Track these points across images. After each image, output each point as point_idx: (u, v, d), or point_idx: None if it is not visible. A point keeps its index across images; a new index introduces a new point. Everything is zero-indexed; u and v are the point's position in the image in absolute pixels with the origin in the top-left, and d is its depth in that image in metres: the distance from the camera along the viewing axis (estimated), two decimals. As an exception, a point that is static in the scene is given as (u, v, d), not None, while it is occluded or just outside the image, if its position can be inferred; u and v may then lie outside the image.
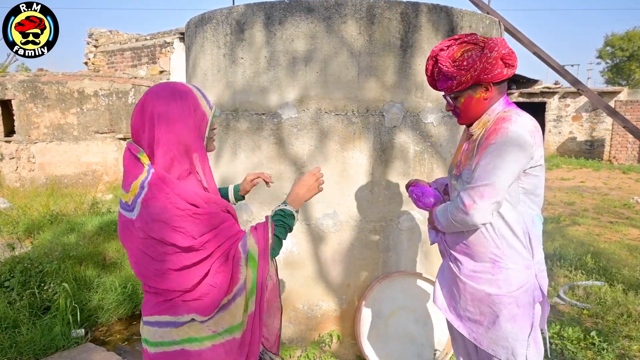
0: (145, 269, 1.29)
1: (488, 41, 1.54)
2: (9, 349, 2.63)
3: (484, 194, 1.45)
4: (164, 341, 1.32)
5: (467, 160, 1.62)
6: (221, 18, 2.84)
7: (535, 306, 1.61)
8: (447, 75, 1.56)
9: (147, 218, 1.23)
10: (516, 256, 1.58)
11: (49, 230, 4.82)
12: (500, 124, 1.50)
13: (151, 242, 1.25)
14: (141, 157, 1.27)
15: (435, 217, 1.69)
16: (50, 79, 7.15)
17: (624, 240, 5.40)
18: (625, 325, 3.16)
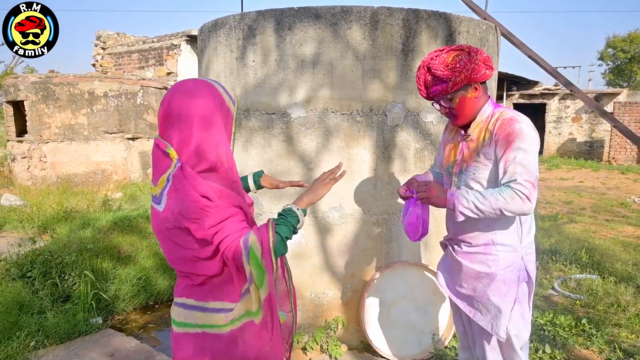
0: (175, 256, 1.37)
1: (471, 47, 1.73)
2: (36, 333, 2.82)
3: (534, 185, 1.64)
4: (188, 323, 1.39)
5: (471, 159, 1.80)
6: (234, 24, 3.03)
7: (521, 285, 1.82)
8: (442, 79, 1.71)
9: (172, 209, 1.30)
10: (507, 240, 1.79)
11: (64, 225, 5.01)
12: (512, 125, 1.66)
13: (178, 231, 1.31)
14: (170, 152, 1.31)
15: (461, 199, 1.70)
16: (61, 80, 7.36)
17: (619, 237, 5.57)
18: (615, 314, 3.33)
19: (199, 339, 1.39)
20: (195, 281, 1.38)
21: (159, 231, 1.37)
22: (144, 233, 4.74)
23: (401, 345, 2.94)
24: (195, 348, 1.39)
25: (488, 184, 1.77)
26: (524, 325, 1.83)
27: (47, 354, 2.74)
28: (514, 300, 1.80)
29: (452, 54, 1.71)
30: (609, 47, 34.55)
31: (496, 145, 1.70)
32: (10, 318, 2.88)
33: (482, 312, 1.86)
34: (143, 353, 2.85)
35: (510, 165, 1.65)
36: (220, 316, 1.37)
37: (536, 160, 1.67)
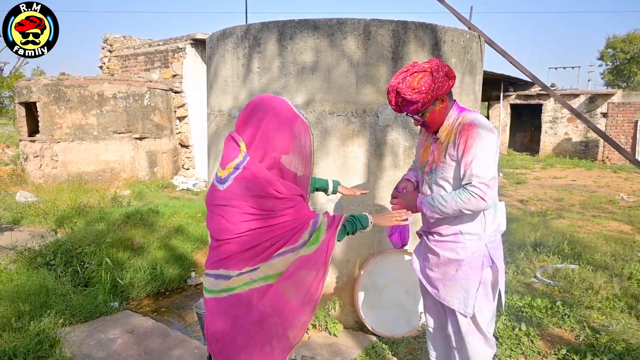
0: (218, 228, 1.60)
1: (432, 65, 1.89)
2: (65, 311, 3.14)
3: (489, 185, 1.84)
4: (215, 289, 1.62)
5: (439, 160, 2.01)
6: (240, 33, 3.35)
7: (485, 269, 2.04)
8: (411, 101, 1.89)
9: (239, 192, 1.56)
10: (472, 230, 2.02)
11: (79, 220, 5.33)
12: (470, 130, 1.87)
13: (228, 208, 1.57)
14: (241, 145, 1.59)
15: (428, 206, 1.98)
16: (72, 82, 7.68)
17: (603, 232, 5.87)
18: (588, 297, 3.64)
19: (223, 302, 1.61)
20: (224, 254, 1.61)
21: (212, 205, 1.64)
22: (155, 226, 5.06)
23: (392, 324, 3.24)
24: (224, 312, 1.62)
25: (454, 181, 1.98)
26: (487, 304, 2.07)
27: (73, 330, 3.06)
28: (479, 282, 2.03)
29: (417, 77, 1.86)
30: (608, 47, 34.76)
31: (457, 147, 1.91)
32: (39, 299, 3.20)
33: (450, 294, 2.07)
34: (159, 330, 3.16)
35: (468, 169, 1.87)
36: (240, 277, 1.59)
37: (493, 161, 1.87)
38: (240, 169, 1.57)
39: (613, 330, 3.12)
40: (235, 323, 1.60)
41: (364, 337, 3.17)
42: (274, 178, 1.58)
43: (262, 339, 1.61)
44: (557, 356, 2.85)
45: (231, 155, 1.61)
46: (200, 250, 4.83)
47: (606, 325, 3.22)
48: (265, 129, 1.59)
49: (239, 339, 1.60)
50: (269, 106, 1.64)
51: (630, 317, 3.38)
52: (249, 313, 1.59)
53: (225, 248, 1.60)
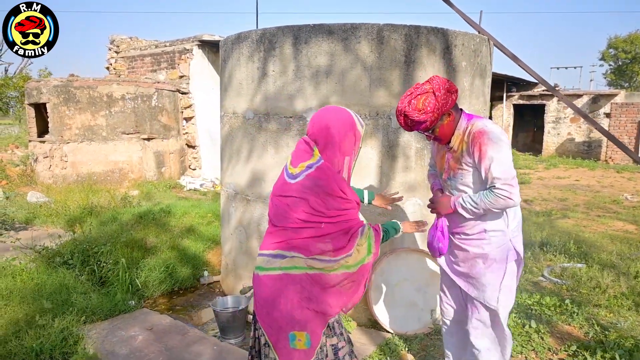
0: (282, 216, 1.82)
1: (433, 85, 2.02)
2: (86, 309, 3.22)
3: (513, 184, 1.98)
4: (271, 267, 1.80)
5: (456, 167, 2.16)
6: (255, 37, 3.42)
7: (510, 263, 2.18)
8: (419, 122, 2.04)
9: (309, 186, 1.77)
10: (496, 227, 2.16)
11: (91, 220, 5.41)
12: (481, 137, 2.02)
13: (297, 200, 1.78)
14: (315, 150, 1.83)
15: (460, 207, 2.13)
16: (82, 84, 7.77)
17: (608, 231, 5.94)
18: (596, 296, 3.71)
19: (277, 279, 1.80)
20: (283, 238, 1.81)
21: (279, 196, 1.86)
22: (167, 226, 5.14)
23: (403, 321, 3.32)
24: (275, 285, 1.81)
25: (474, 185, 2.13)
26: (511, 297, 2.22)
27: (94, 327, 3.14)
28: (503, 275, 2.17)
29: (421, 99, 2.01)
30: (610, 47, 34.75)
31: (473, 155, 2.06)
32: (61, 297, 3.28)
33: (475, 286, 2.22)
34: (177, 327, 3.24)
35: (489, 174, 2.01)
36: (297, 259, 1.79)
37: (509, 161, 2.01)
38: (313, 168, 1.79)
39: (621, 328, 3.18)
40: (283, 292, 1.78)
41: (377, 334, 3.25)
42: (343, 180, 1.83)
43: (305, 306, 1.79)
44: (567, 353, 2.92)
45: (304, 156, 1.83)
46: (212, 250, 4.90)
47: (614, 323, 3.29)
48: (334, 136, 1.81)
49: (284, 303, 1.78)
50: (335, 115, 1.85)
51: (638, 314, 3.45)
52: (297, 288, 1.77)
53: (285, 233, 1.80)
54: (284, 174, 1.90)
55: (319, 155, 1.82)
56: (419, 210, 3.40)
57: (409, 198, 3.37)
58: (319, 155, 1.81)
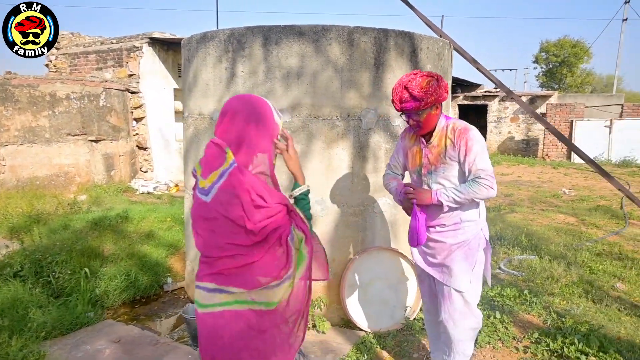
0: (210, 243, 1.53)
1: (439, 75, 2.18)
2: (44, 324, 3.01)
3: (493, 176, 2.17)
4: (209, 304, 1.55)
5: (438, 162, 2.26)
6: (223, 37, 3.35)
7: (480, 251, 2.33)
8: (416, 98, 2.13)
9: (222, 201, 1.48)
10: (470, 217, 2.31)
11: (39, 228, 5.06)
12: (467, 133, 2.18)
13: (221, 221, 1.49)
14: (227, 152, 1.51)
15: (443, 197, 2.21)
16: (21, 82, 7.23)
17: (552, 224, 6.36)
18: (550, 285, 3.97)
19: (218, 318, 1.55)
20: (218, 268, 1.54)
21: (199, 220, 1.55)
22: (125, 233, 4.91)
23: (377, 319, 3.38)
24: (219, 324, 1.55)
25: (455, 178, 2.27)
26: (480, 283, 2.39)
27: (56, 343, 2.94)
28: (475, 262, 2.31)
29: (426, 79, 2.14)
30: (542, 51, 37.01)
31: (459, 150, 2.20)
32: (17, 313, 3.04)
33: (448, 274, 2.33)
34: (147, 337, 3.11)
35: (473, 166, 2.18)
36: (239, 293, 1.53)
37: (487, 156, 2.22)
38: (225, 176, 1.49)
39: (575, 314, 3.43)
40: (229, 341, 1.55)
41: (352, 333, 3.28)
42: (259, 183, 1.50)
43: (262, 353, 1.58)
44: (530, 340, 3.10)
45: (215, 163, 1.52)
46: (174, 256, 4.75)
47: (568, 310, 3.53)
48: (249, 130, 1.54)
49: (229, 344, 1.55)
50: (248, 107, 1.58)
51: (588, 301, 3.73)
52: (245, 331, 1.55)
53: (219, 263, 1.53)
54: (196, 191, 1.58)
55: (233, 158, 1.51)
56: (389, 209, 3.47)
57: (379, 197, 3.44)
58: (232, 158, 1.51)
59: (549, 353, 2.93)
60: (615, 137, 14.19)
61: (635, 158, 13.52)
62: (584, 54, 33.89)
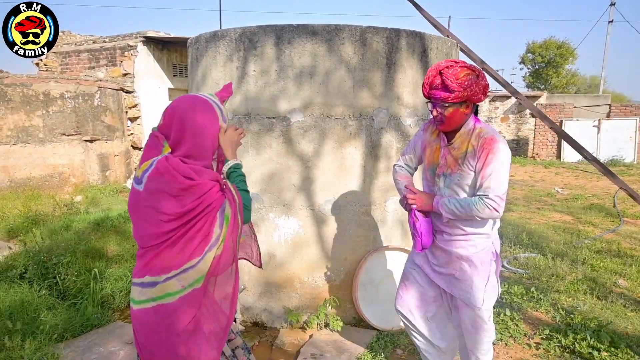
0: (144, 233, 1.55)
1: (480, 71, 1.96)
2: (55, 326, 2.96)
3: (503, 198, 1.97)
4: (142, 299, 1.56)
5: (455, 166, 2.07)
6: (234, 36, 3.33)
7: (492, 265, 2.17)
8: (448, 88, 1.93)
9: (151, 189, 1.51)
10: (481, 229, 2.12)
11: (38, 229, 4.97)
12: (492, 144, 1.96)
13: (151, 210, 1.51)
14: (165, 146, 1.58)
15: (443, 207, 2.07)
16: (14, 80, 7.09)
17: (549, 222, 6.46)
18: (555, 282, 4.03)
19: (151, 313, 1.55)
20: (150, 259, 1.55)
21: (134, 210, 1.58)
22: (128, 233, 4.85)
23: (389, 317, 3.39)
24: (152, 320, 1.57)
25: (470, 189, 2.07)
26: (494, 296, 2.21)
27: (68, 345, 2.90)
28: (488, 276, 2.14)
29: (465, 71, 1.94)
30: (528, 52, 37.50)
31: (478, 159, 1.99)
32: (27, 315, 2.99)
33: (460, 288, 2.16)
34: (160, 339, 3.08)
35: (485, 181, 1.96)
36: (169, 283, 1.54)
37: (507, 175, 1.99)
38: (153, 164, 1.53)
39: (582, 310, 3.49)
40: (165, 335, 1.55)
41: (365, 332, 3.30)
42: (185, 166, 1.52)
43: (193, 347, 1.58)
44: (541, 336, 3.15)
45: (150, 154, 1.58)
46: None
47: (575, 307, 3.59)
48: (183, 121, 1.57)
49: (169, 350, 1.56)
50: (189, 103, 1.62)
51: (593, 297, 3.80)
52: (179, 324, 1.55)
53: (152, 253, 1.54)
54: (133, 180, 1.62)
55: (169, 152, 1.57)
56: (401, 208, 3.47)
57: (391, 196, 3.46)
58: (169, 150, 1.58)
59: (560, 349, 2.98)
60: (603, 137, 14.46)
61: (623, 157, 13.79)
62: (569, 55, 34.45)
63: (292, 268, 3.40)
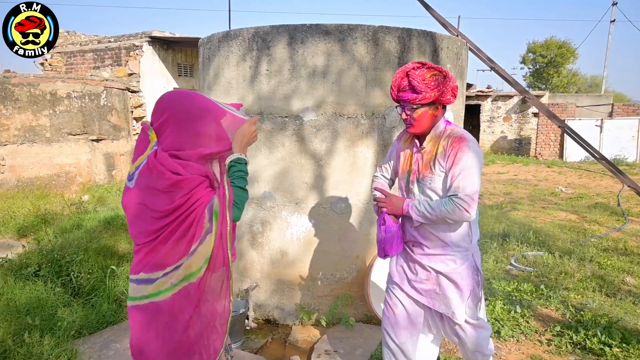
0: (137, 229, 1.54)
1: (448, 72, 1.93)
2: (73, 323, 2.99)
3: (474, 198, 1.88)
4: (136, 296, 1.54)
5: (426, 170, 2.01)
6: (247, 36, 3.36)
7: (474, 279, 2.08)
8: (415, 90, 1.89)
9: (142, 185, 1.51)
10: (460, 243, 2.04)
11: (48, 228, 5.01)
12: (461, 143, 1.91)
13: (142, 206, 1.50)
14: (150, 133, 1.55)
15: (414, 209, 1.98)
16: (21, 80, 7.12)
17: (555, 221, 6.49)
18: (564, 280, 4.06)
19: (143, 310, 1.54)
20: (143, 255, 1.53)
21: (127, 207, 1.56)
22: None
23: (400, 314, 3.43)
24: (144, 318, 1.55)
25: (444, 192, 1.99)
26: (478, 303, 2.14)
27: (85, 342, 2.93)
28: (470, 291, 2.07)
29: (432, 72, 1.90)
30: (529, 51, 37.51)
31: (447, 159, 1.93)
32: (44, 312, 3.02)
33: (442, 302, 2.08)
34: (176, 336, 3.11)
35: (455, 180, 1.90)
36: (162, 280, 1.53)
37: (478, 175, 1.92)
38: (145, 160, 1.52)
39: (592, 308, 3.52)
40: (160, 334, 1.54)
41: (377, 329, 3.32)
42: (172, 161, 1.49)
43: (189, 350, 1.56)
44: (552, 333, 3.18)
45: (142, 147, 1.56)
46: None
47: (584, 304, 3.62)
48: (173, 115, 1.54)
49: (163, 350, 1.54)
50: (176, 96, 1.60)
51: (602, 295, 3.83)
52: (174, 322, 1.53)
53: (145, 250, 1.53)
54: (127, 178, 1.61)
55: (155, 139, 1.54)
56: (412, 206, 3.52)
57: (402, 195, 3.48)
58: (155, 139, 1.54)
59: (572, 345, 3.01)
60: (605, 137, 14.49)
61: (625, 157, 13.82)
62: (570, 55, 34.47)
63: (304, 265, 3.43)
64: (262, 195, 3.45)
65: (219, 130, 1.60)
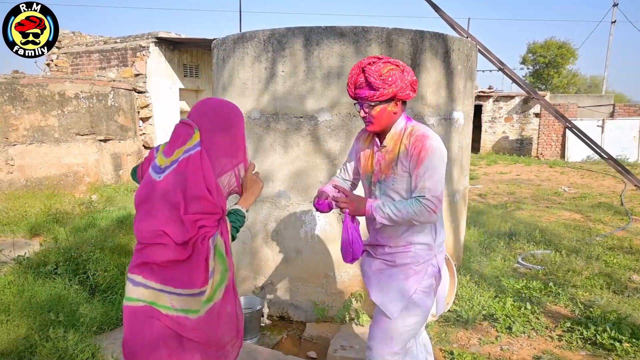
0: (143, 227, 1.45)
1: (405, 66, 1.85)
2: (94, 319, 3.06)
3: (440, 199, 1.82)
4: (133, 297, 1.49)
5: (388, 170, 1.92)
6: (263, 37, 3.43)
7: (427, 279, 1.99)
8: (372, 86, 1.80)
9: (171, 181, 1.42)
10: (423, 240, 1.97)
11: (61, 227, 5.07)
12: (424, 141, 1.82)
13: (161, 203, 1.42)
14: (196, 132, 1.46)
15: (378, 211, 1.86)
16: (30, 81, 7.18)
17: (560, 220, 6.55)
18: (572, 278, 4.12)
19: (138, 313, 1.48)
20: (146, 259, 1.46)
21: (144, 200, 1.47)
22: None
23: (413, 311, 3.49)
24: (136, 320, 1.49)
25: (406, 193, 1.90)
26: (418, 313, 1.99)
27: (106, 337, 2.99)
28: (415, 289, 1.96)
29: (388, 66, 1.81)
30: (529, 52, 37.59)
31: (410, 158, 1.84)
32: (66, 308, 3.08)
33: (382, 290, 2.00)
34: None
35: (420, 181, 1.81)
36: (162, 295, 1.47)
37: (443, 174, 1.84)
38: (185, 156, 1.43)
39: (600, 304, 3.58)
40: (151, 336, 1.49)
41: (390, 325, 3.38)
42: (212, 176, 1.44)
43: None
44: (562, 329, 3.24)
45: (179, 141, 1.47)
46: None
47: (593, 301, 3.69)
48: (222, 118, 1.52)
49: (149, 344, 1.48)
50: (223, 102, 1.61)
51: (609, 292, 3.89)
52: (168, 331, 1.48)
53: (147, 252, 1.45)
54: (149, 170, 1.51)
55: (198, 139, 1.46)
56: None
57: (415, 194, 3.55)
58: (198, 139, 1.45)
59: (582, 341, 3.08)
60: (607, 137, 14.56)
61: (626, 157, 13.90)
62: (570, 55, 34.56)
63: (318, 263, 3.49)
64: (277, 194, 3.51)
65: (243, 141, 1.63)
